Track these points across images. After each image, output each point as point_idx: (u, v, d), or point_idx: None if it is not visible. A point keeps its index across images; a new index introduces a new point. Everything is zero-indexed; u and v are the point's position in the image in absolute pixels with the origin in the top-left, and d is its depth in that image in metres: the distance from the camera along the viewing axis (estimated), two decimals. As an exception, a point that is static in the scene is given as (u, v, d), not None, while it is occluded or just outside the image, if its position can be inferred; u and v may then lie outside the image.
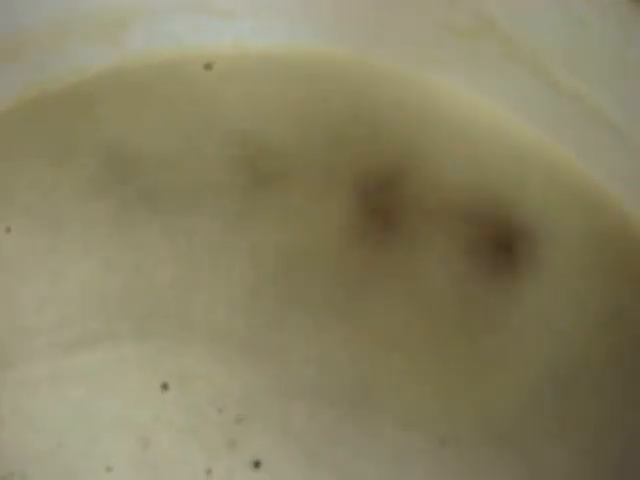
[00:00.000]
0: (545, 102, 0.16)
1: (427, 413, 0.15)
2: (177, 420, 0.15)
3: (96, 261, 0.16)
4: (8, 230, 0.16)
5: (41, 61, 0.17)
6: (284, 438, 0.15)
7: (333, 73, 0.18)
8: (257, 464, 0.14)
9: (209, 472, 0.14)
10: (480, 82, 0.16)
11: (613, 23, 0.13)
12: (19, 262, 0.16)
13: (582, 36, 0.14)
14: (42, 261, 0.16)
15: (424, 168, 0.17)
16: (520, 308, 0.15)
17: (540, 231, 0.16)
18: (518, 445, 0.14)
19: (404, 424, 0.14)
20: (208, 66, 0.18)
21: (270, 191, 0.16)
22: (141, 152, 0.17)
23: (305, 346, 0.15)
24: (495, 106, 0.17)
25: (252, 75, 0.18)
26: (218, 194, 0.16)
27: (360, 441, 0.14)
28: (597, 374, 0.15)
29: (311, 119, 0.17)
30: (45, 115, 0.18)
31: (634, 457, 0.14)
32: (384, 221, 0.16)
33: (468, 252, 0.16)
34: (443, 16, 0.15)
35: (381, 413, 0.14)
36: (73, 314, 0.15)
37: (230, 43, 0.18)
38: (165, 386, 0.15)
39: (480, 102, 0.17)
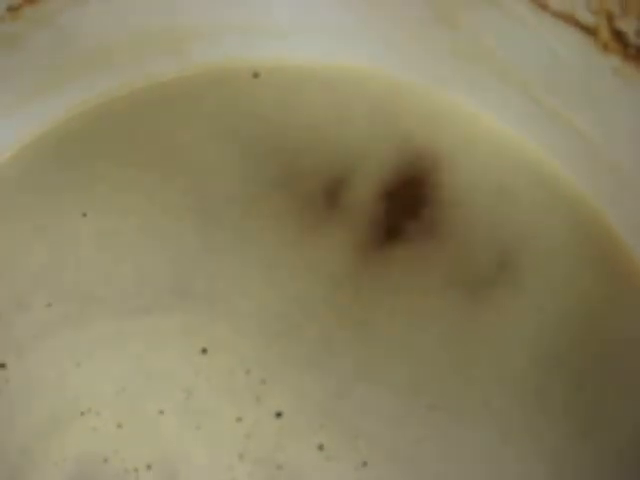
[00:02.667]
0: (530, 115, 0.19)
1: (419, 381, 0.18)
2: (213, 378, 0.18)
3: (152, 248, 0.19)
4: (84, 215, 0.20)
5: (120, 68, 0.21)
6: (301, 396, 0.18)
7: (357, 85, 0.21)
8: (279, 414, 0.18)
9: (239, 420, 0.18)
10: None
11: (578, 56, 0.15)
12: (90, 244, 0.19)
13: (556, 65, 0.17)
14: (108, 243, 0.20)
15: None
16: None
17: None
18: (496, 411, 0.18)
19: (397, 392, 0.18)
20: (256, 75, 0.21)
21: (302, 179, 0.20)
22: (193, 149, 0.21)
23: (318, 326, 0.19)
24: (493, 119, 0.20)
25: (290, 84, 0.21)
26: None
27: (365, 399, 0.18)
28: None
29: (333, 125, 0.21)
30: (119, 114, 0.21)
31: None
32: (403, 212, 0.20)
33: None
34: (451, 45, 0.19)
35: (378, 384, 0.18)
36: (132, 287, 0.19)
37: (274, 57, 0.21)
38: (204, 350, 0.19)
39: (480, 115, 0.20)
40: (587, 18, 0.14)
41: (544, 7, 0.15)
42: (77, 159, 0.21)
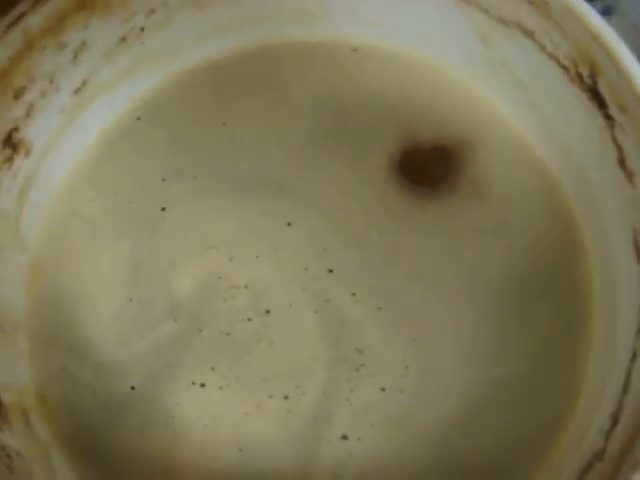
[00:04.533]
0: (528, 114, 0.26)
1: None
2: (295, 242, 0.26)
3: (266, 150, 0.27)
4: (224, 124, 0.29)
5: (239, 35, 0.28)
6: (363, 280, 0.25)
7: (418, 72, 0.28)
8: (330, 271, 0.25)
9: (306, 269, 0.25)
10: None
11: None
12: (225, 141, 0.28)
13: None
14: (236, 143, 0.28)
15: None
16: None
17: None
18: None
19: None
20: (355, 49, 0.29)
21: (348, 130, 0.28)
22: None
23: (364, 222, 0.26)
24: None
25: (379, 59, 0.28)
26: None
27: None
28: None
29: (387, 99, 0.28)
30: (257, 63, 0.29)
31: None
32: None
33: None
34: (486, 58, 0.26)
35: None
36: (252, 175, 0.27)
37: (369, 37, 0.28)
38: (289, 224, 0.26)
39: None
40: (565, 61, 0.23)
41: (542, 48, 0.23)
42: (225, 90, 0.29)
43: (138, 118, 0.28)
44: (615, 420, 0.19)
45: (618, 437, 0.18)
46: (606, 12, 0.35)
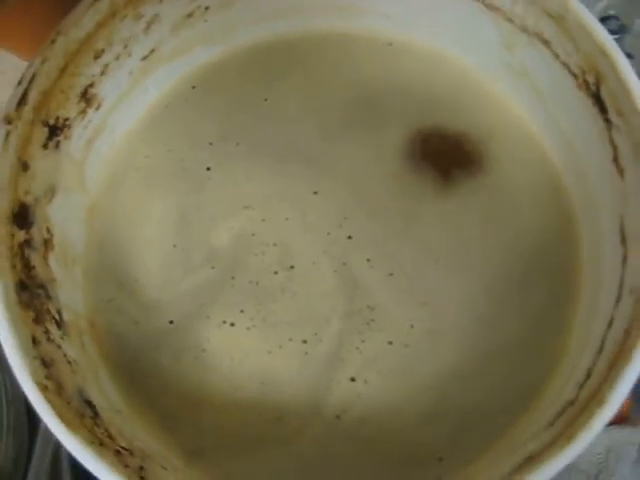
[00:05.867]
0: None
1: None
2: (320, 209, 0.28)
3: (300, 127, 0.31)
4: (266, 100, 0.32)
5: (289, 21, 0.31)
6: (378, 248, 0.28)
7: (438, 67, 0.32)
8: (350, 237, 0.28)
9: (325, 252, 0.28)
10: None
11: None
12: (266, 116, 0.32)
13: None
14: (276, 119, 0.32)
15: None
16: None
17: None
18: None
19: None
20: (390, 44, 0.33)
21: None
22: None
23: (383, 197, 0.29)
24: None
25: (411, 55, 0.32)
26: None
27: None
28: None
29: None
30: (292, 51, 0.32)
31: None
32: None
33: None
34: (507, 64, 0.29)
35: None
36: (283, 147, 0.30)
37: (404, 34, 0.32)
38: (316, 192, 0.29)
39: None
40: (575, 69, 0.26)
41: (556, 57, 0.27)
42: (271, 70, 0.32)
43: (193, 87, 0.32)
44: (589, 374, 0.22)
45: (589, 387, 0.22)
46: (621, 30, 0.38)
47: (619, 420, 0.30)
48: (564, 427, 0.21)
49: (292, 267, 0.28)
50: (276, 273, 0.28)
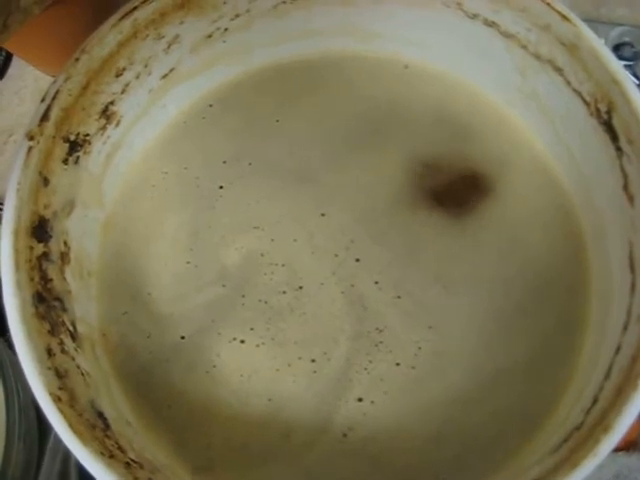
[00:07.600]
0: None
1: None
2: (327, 231, 0.29)
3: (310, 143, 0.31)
4: (277, 121, 0.33)
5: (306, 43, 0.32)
6: (385, 271, 0.28)
7: (450, 90, 0.32)
8: (358, 260, 0.28)
9: (337, 256, 0.29)
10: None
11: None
12: (278, 135, 0.33)
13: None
14: (286, 136, 0.32)
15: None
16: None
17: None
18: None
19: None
20: (406, 67, 0.33)
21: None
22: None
23: (389, 221, 0.29)
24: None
25: (426, 78, 0.32)
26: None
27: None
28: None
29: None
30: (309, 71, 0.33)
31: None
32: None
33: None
34: (519, 88, 0.30)
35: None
36: (290, 162, 0.31)
37: (421, 58, 0.32)
38: (323, 214, 0.29)
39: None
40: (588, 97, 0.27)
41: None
42: (286, 91, 0.33)
43: (210, 105, 0.32)
44: (595, 400, 0.22)
45: (595, 413, 0.22)
46: (635, 57, 0.39)
47: (627, 446, 0.30)
48: (569, 453, 0.21)
49: (300, 287, 0.28)
50: (284, 293, 0.28)
